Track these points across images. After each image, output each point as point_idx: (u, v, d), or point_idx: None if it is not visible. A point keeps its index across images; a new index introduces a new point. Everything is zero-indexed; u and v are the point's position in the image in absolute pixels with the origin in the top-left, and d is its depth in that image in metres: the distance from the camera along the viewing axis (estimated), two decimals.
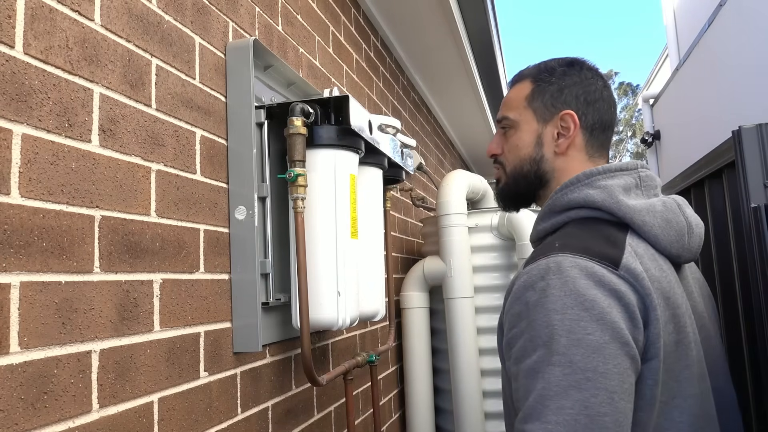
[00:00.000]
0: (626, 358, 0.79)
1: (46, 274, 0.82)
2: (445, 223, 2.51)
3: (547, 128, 1.04)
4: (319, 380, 1.41)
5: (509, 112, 1.08)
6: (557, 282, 0.82)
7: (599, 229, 0.92)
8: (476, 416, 2.44)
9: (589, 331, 0.78)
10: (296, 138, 1.32)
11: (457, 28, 2.84)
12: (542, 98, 1.05)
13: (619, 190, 0.94)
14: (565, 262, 0.84)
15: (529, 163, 1.05)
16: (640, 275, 0.84)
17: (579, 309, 0.79)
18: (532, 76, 1.07)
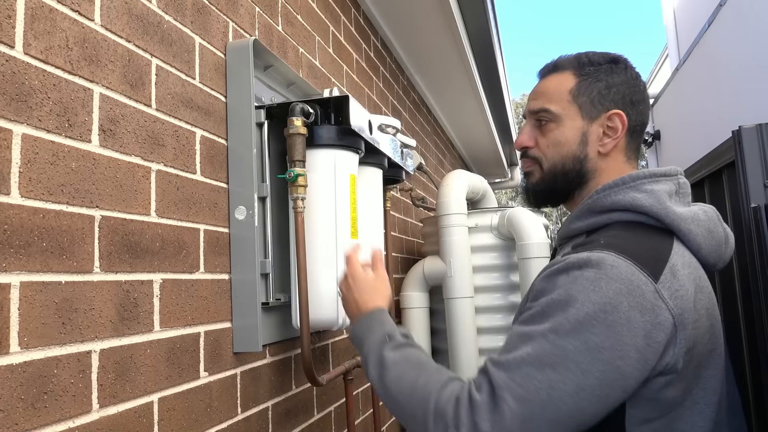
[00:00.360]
0: (616, 372, 0.77)
1: (46, 274, 0.82)
2: (445, 223, 2.51)
3: (592, 126, 1.00)
4: (319, 380, 1.41)
5: (550, 105, 1.01)
6: (591, 275, 0.81)
7: (646, 235, 0.89)
8: None
9: (596, 332, 0.78)
10: (296, 138, 1.32)
11: (457, 28, 2.84)
12: (589, 94, 0.99)
13: (665, 196, 0.91)
14: (608, 259, 0.82)
15: (572, 161, 1.00)
16: (679, 292, 0.82)
17: (597, 309, 0.78)
18: (575, 68, 1.02)
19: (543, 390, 0.77)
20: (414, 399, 0.89)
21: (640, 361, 0.78)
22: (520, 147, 1.06)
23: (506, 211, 2.54)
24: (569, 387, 0.77)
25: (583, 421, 0.79)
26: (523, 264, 2.36)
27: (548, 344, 0.79)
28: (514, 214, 2.46)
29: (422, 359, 0.96)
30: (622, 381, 0.78)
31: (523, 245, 2.36)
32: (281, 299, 1.43)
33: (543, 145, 1.03)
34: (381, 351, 0.99)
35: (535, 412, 0.77)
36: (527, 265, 2.34)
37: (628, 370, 0.78)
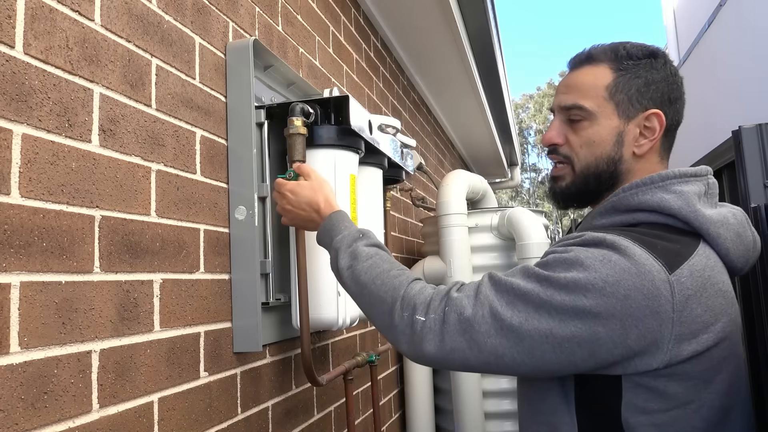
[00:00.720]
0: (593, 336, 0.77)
1: (46, 274, 0.82)
2: (445, 223, 2.51)
3: (629, 126, 0.93)
4: (319, 380, 1.41)
5: (584, 101, 0.95)
6: (602, 253, 0.80)
7: (670, 235, 0.85)
8: (476, 416, 2.44)
9: (588, 297, 0.78)
10: (296, 138, 1.32)
11: (457, 28, 2.84)
12: (627, 91, 0.93)
13: (695, 198, 0.88)
14: (623, 242, 0.81)
15: (606, 162, 0.94)
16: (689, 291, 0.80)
17: (599, 278, 0.78)
18: (611, 62, 0.95)
19: (517, 318, 0.81)
20: (385, 286, 0.95)
21: (621, 337, 0.78)
22: (548, 144, 1.00)
23: (506, 211, 2.54)
24: (541, 326, 0.79)
25: (538, 364, 0.81)
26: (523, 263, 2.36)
27: (540, 288, 0.81)
28: (514, 214, 2.46)
29: (394, 260, 1.02)
30: (593, 346, 0.78)
31: (523, 245, 2.36)
32: (281, 299, 1.43)
33: (575, 144, 0.96)
34: (355, 244, 1.04)
35: (502, 329, 0.81)
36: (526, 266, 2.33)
37: (604, 339, 0.78)
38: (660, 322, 0.78)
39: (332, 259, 1.07)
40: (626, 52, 0.95)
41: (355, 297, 1.01)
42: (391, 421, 2.58)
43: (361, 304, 1.00)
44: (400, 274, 0.97)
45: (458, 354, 0.84)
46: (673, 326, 0.78)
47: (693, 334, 0.80)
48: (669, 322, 0.78)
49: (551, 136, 0.99)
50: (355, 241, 1.05)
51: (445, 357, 0.86)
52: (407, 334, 0.89)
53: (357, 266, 1.01)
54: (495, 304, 0.83)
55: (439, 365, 0.88)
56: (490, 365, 0.83)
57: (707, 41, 6.78)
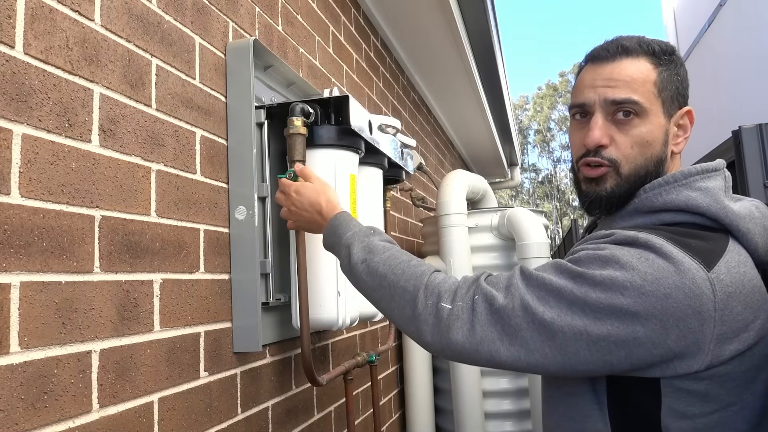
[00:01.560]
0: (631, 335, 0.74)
1: (46, 274, 0.82)
2: (445, 223, 2.51)
3: (671, 124, 0.91)
4: (319, 380, 1.41)
5: (637, 96, 0.87)
6: (638, 253, 0.77)
7: (701, 235, 0.82)
8: (476, 416, 2.44)
9: (626, 295, 0.74)
10: (296, 138, 1.32)
11: (457, 28, 2.84)
12: (671, 89, 0.90)
13: (721, 194, 0.85)
14: (657, 240, 0.78)
15: (655, 164, 0.89)
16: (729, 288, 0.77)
17: (637, 276, 0.75)
18: (648, 56, 0.90)
19: (549, 313, 0.77)
20: (405, 275, 0.91)
21: (661, 338, 0.74)
22: (596, 145, 0.89)
23: (506, 211, 2.54)
24: (575, 323, 0.76)
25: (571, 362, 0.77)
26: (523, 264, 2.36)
27: (574, 285, 0.78)
28: (514, 214, 2.46)
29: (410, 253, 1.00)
30: (631, 346, 0.75)
31: (523, 245, 2.36)
32: (281, 299, 1.43)
33: (623, 145, 0.88)
34: (368, 238, 1.01)
35: (533, 323, 0.78)
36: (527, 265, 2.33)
37: (642, 339, 0.74)
38: (702, 321, 0.75)
39: (344, 256, 1.03)
40: (659, 47, 0.91)
41: (371, 291, 0.96)
42: (391, 421, 2.58)
43: (379, 298, 0.95)
44: (421, 264, 0.95)
45: (487, 345, 0.81)
46: (714, 326, 0.75)
47: (734, 333, 0.77)
48: (711, 322, 0.75)
49: (597, 137, 0.89)
50: (367, 236, 1.02)
51: (474, 348, 0.82)
52: (431, 324, 0.85)
53: (374, 258, 0.97)
54: (527, 297, 0.80)
55: (464, 356, 0.84)
56: (519, 361, 0.80)
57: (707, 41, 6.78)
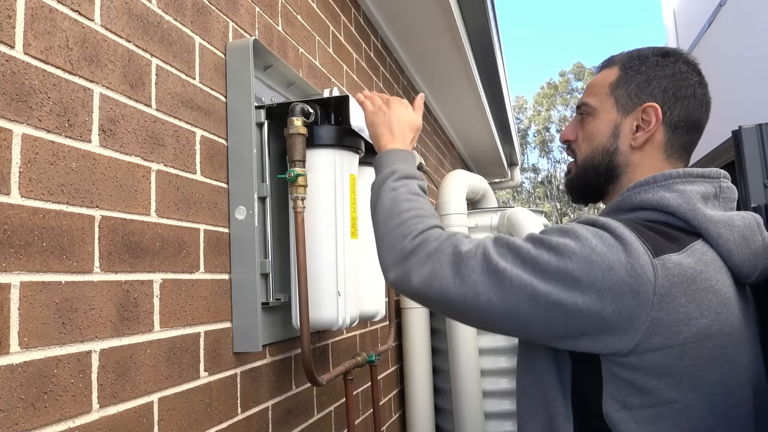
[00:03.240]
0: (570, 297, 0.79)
1: (46, 274, 0.82)
2: (445, 223, 2.51)
3: (626, 119, 0.97)
4: (319, 380, 1.41)
5: (590, 98, 1.02)
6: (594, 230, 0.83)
7: (667, 232, 0.86)
8: (476, 416, 2.44)
9: (573, 260, 0.80)
10: (296, 138, 1.32)
11: (457, 28, 2.84)
12: (627, 87, 0.97)
13: (697, 197, 0.88)
14: (613, 223, 0.83)
15: (602, 154, 0.99)
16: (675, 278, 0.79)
17: (587, 248, 0.80)
18: (622, 62, 1.00)
19: (502, 263, 0.84)
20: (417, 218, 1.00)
21: (597, 307, 0.79)
22: (563, 140, 1.07)
23: (506, 211, 2.54)
24: (524, 277, 0.82)
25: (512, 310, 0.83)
26: None
27: (532, 247, 0.84)
28: (514, 214, 2.46)
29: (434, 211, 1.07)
30: (569, 310, 0.80)
31: None
32: (281, 299, 1.43)
33: (579, 139, 1.03)
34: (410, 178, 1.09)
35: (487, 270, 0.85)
36: None
37: (580, 305, 0.79)
38: (638, 301, 0.78)
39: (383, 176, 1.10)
40: (638, 53, 1.00)
41: (381, 212, 1.05)
42: (391, 421, 2.58)
43: (382, 220, 1.03)
44: (434, 216, 1.03)
45: (439, 281, 0.88)
46: (651, 309, 0.78)
47: (672, 323, 0.79)
48: (648, 304, 0.78)
49: (565, 133, 1.06)
50: (411, 177, 1.10)
51: (427, 279, 0.89)
52: (403, 256, 0.95)
53: (402, 192, 1.05)
54: (489, 249, 0.87)
55: (418, 289, 0.91)
56: (466, 301, 0.86)
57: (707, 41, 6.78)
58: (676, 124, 0.95)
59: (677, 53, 0.99)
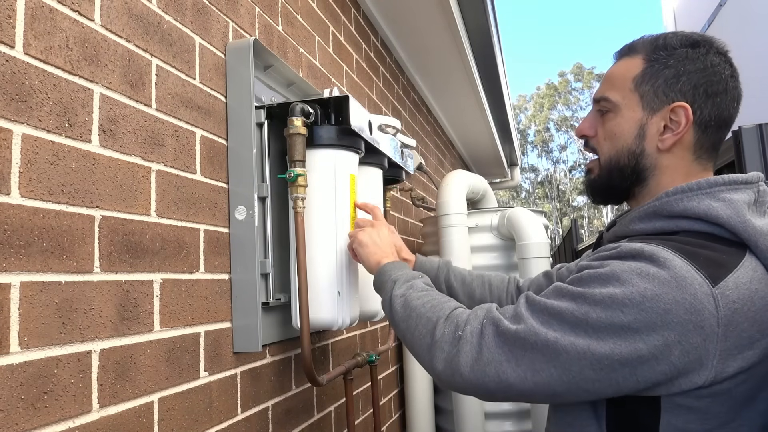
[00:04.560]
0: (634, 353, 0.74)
1: (46, 274, 0.82)
2: (445, 223, 2.51)
3: (653, 119, 0.90)
4: (319, 380, 1.41)
5: (610, 92, 0.93)
6: (640, 266, 0.76)
7: (715, 247, 0.81)
8: (476, 416, 2.44)
9: (626, 312, 0.74)
10: (296, 138, 1.32)
11: (457, 28, 2.84)
12: (654, 82, 0.89)
13: (745, 208, 0.83)
14: (662, 253, 0.77)
15: (627, 156, 0.92)
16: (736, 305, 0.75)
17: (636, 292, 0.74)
18: (646, 52, 0.91)
19: (552, 334, 0.78)
20: (434, 309, 0.97)
21: (664, 354, 0.74)
22: (579, 135, 0.99)
23: (506, 211, 2.54)
24: (579, 343, 0.76)
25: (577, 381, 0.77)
26: (523, 264, 2.36)
27: (575, 306, 0.78)
28: (514, 214, 2.46)
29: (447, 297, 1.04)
30: (635, 363, 0.74)
31: (523, 245, 2.37)
32: (281, 299, 1.43)
33: (600, 137, 0.96)
34: (414, 280, 1.08)
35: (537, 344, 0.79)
36: (527, 265, 2.34)
37: (646, 356, 0.74)
38: (704, 337, 0.74)
39: (387, 290, 1.10)
40: (664, 42, 0.91)
41: (400, 321, 1.02)
42: (391, 421, 2.58)
43: (405, 328, 1.00)
44: (450, 301, 0.99)
45: (494, 367, 0.82)
46: (718, 341, 0.74)
47: (738, 350, 0.75)
48: (714, 338, 0.74)
49: (582, 128, 0.99)
50: (414, 278, 1.09)
51: (482, 370, 0.83)
52: (445, 351, 0.88)
53: (411, 294, 1.04)
54: (531, 321, 0.81)
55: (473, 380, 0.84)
56: (526, 381, 0.80)
57: None
58: (707, 123, 0.89)
59: (708, 43, 0.91)
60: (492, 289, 1.37)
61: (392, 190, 2.20)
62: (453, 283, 1.37)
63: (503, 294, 1.36)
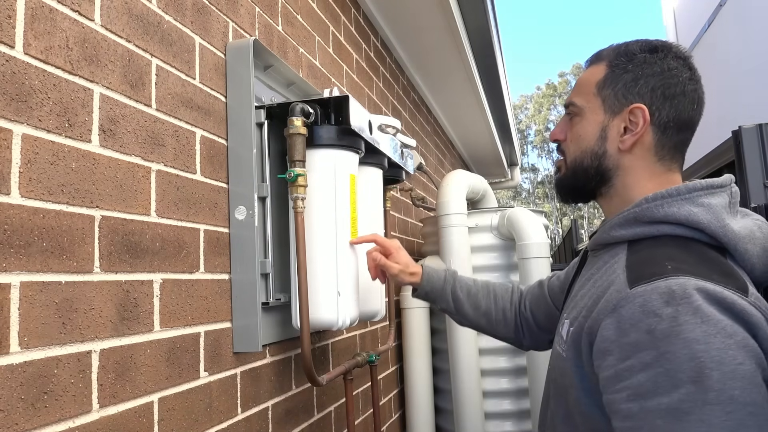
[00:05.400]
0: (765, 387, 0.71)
1: (46, 274, 0.82)
2: (445, 223, 2.51)
3: (614, 121, 0.94)
4: (319, 380, 1.41)
5: (576, 98, 0.99)
6: (688, 308, 0.73)
7: (702, 252, 0.82)
8: (476, 416, 2.44)
9: (740, 360, 0.70)
10: (296, 138, 1.32)
11: (457, 28, 2.84)
12: (614, 86, 0.94)
13: (723, 212, 0.85)
14: (689, 284, 0.75)
15: (590, 157, 0.96)
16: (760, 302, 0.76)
17: (722, 336, 0.70)
18: (609, 59, 0.96)
19: None
20: None
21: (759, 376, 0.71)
22: (553, 139, 1.05)
23: (506, 211, 2.54)
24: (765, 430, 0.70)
25: None
26: (523, 264, 2.36)
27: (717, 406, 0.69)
28: (514, 214, 2.46)
29: None
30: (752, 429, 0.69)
31: (523, 245, 2.36)
32: (281, 299, 1.43)
33: (568, 140, 1.01)
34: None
35: None
36: (527, 265, 2.34)
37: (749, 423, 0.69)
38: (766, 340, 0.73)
39: None
40: (625, 49, 0.96)
41: None
42: (391, 421, 2.58)
43: None
44: None
45: None
46: None
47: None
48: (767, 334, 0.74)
49: (554, 133, 1.04)
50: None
51: None
52: None
53: None
54: None
55: None
56: None
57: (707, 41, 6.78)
58: (666, 124, 0.92)
59: (666, 47, 0.94)
60: (497, 300, 1.38)
61: (392, 190, 2.20)
62: (459, 294, 1.37)
63: (507, 305, 1.37)
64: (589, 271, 0.97)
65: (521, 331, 1.35)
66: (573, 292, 1.01)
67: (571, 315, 0.93)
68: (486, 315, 1.37)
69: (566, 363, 0.89)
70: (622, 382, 0.75)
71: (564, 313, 1.00)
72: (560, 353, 0.93)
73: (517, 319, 1.36)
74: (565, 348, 0.90)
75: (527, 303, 1.35)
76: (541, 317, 1.32)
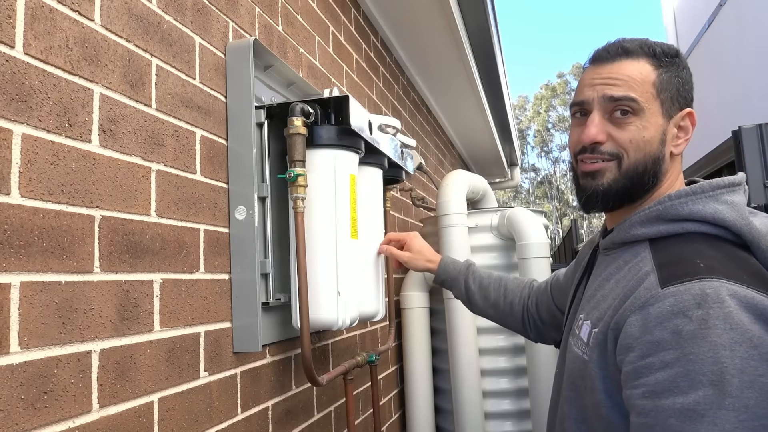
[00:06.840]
0: None
1: (46, 274, 0.82)
2: (445, 223, 2.51)
3: (670, 125, 0.93)
4: (319, 380, 1.41)
5: (636, 94, 0.91)
6: (719, 312, 0.72)
7: (730, 251, 0.82)
8: (476, 416, 2.44)
9: (761, 372, 0.69)
10: (296, 138, 1.32)
11: (457, 28, 2.84)
12: (670, 90, 0.92)
13: (746, 210, 0.85)
14: (722, 289, 0.74)
15: (652, 162, 0.91)
16: None
17: (748, 346, 0.70)
18: (649, 57, 0.93)
19: None
20: None
21: None
22: (591, 141, 0.93)
23: (506, 211, 2.54)
24: None
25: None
26: (523, 264, 2.36)
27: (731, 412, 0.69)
28: (514, 214, 2.46)
29: None
30: None
31: (523, 245, 2.36)
32: (281, 299, 1.43)
33: (623, 140, 0.91)
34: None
35: None
36: (527, 265, 2.34)
37: None
38: None
39: None
40: (661, 49, 0.94)
41: None
42: (391, 421, 2.58)
43: None
44: None
45: None
46: None
47: None
48: None
49: (593, 134, 0.92)
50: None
51: None
52: None
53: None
54: None
55: None
56: None
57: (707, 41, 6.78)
58: None
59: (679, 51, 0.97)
60: (506, 294, 1.46)
61: (392, 190, 2.20)
62: (471, 285, 1.49)
63: (516, 299, 1.44)
64: (606, 271, 0.95)
65: (528, 324, 1.42)
66: (588, 292, 0.98)
67: (592, 316, 0.91)
68: (494, 306, 1.47)
69: (588, 365, 0.88)
70: (640, 378, 0.76)
71: (581, 314, 0.96)
72: (580, 355, 0.91)
73: (524, 313, 1.43)
74: (587, 350, 0.88)
75: (534, 299, 1.41)
76: (544, 314, 1.37)
